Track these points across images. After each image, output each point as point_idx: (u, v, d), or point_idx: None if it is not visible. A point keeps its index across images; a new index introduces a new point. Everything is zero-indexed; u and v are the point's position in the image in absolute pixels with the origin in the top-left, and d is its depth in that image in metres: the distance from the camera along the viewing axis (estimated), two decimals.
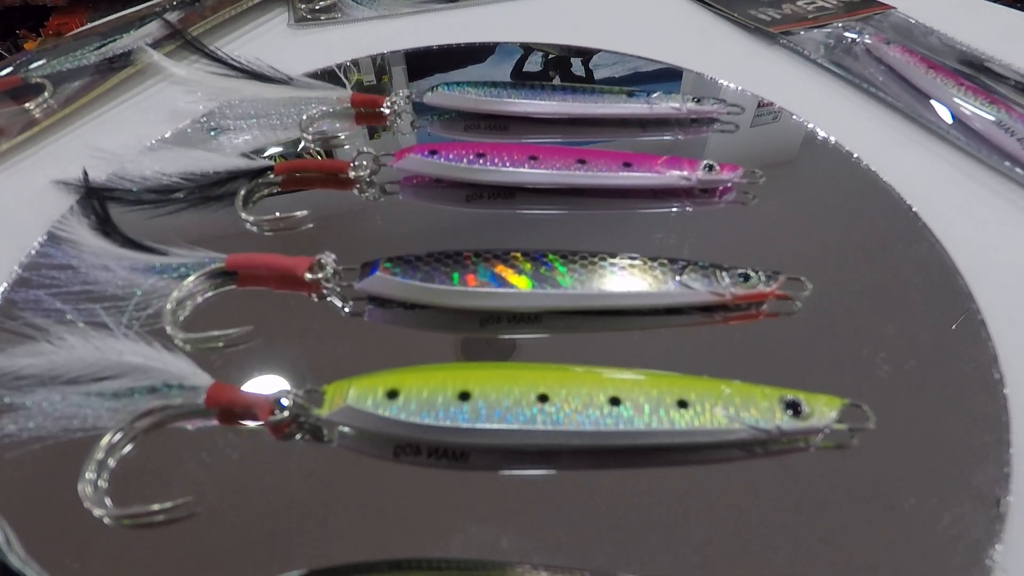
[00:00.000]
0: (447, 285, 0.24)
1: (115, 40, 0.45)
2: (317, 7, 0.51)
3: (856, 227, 0.30)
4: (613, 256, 0.26)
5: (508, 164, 0.30)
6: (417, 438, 0.20)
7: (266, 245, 0.29)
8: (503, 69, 0.44)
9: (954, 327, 0.25)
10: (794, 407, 0.21)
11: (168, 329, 0.24)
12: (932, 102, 0.37)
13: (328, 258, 0.26)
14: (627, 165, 0.30)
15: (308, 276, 0.26)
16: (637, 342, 0.25)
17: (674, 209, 0.31)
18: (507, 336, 0.25)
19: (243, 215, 0.30)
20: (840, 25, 0.44)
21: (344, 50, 0.45)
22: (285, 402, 0.21)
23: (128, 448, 0.21)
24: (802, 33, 0.44)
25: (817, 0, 0.48)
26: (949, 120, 0.35)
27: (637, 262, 0.25)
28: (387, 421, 0.20)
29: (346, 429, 0.21)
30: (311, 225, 0.30)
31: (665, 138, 0.36)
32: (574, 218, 0.31)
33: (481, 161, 0.30)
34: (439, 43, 0.45)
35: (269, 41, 0.47)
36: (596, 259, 0.25)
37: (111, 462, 0.20)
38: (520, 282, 0.24)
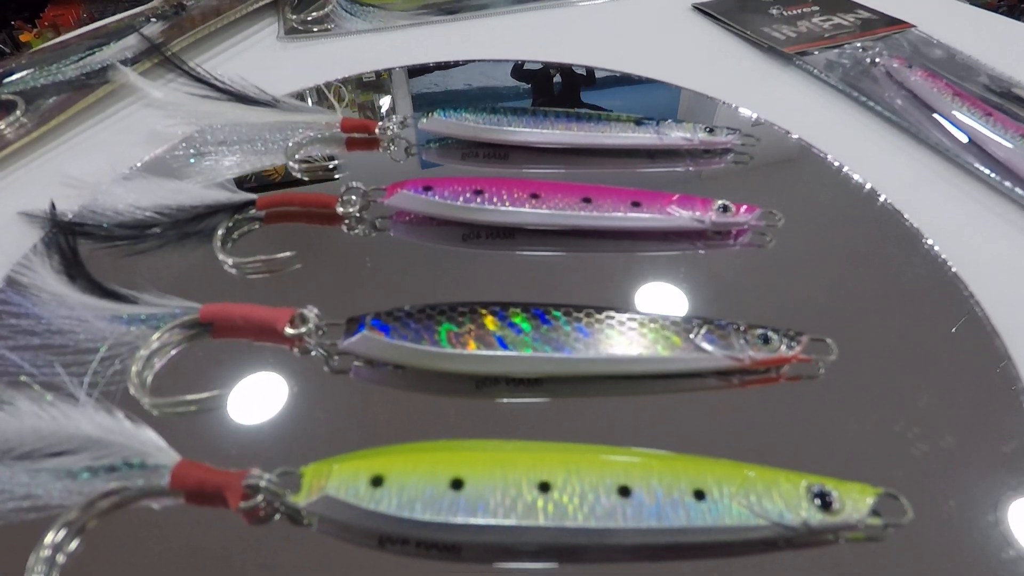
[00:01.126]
0: (439, 347, 0.22)
1: (95, 52, 0.43)
2: (309, 18, 0.48)
3: (880, 274, 0.27)
4: (622, 313, 0.24)
5: (508, 203, 0.28)
6: (404, 533, 0.18)
7: (247, 289, 0.27)
8: (503, 67, 0.43)
9: (992, 397, 0.23)
10: (823, 498, 0.19)
11: (133, 391, 0.22)
12: (958, 132, 0.35)
13: (310, 312, 0.24)
14: (636, 204, 0.28)
15: (289, 331, 0.24)
16: (647, 408, 0.23)
17: (686, 252, 0.29)
18: (506, 400, 0.23)
19: (221, 256, 0.28)
20: (859, 45, 0.42)
21: (336, 66, 0.42)
22: (258, 483, 0.19)
23: (78, 541, 0.19)
24: (817, 53, 0.42)
25: (833, 17, 0.46)
26: (977, 152, 0.33)
27: (649, 323, 0.23)
28: (371, 515, 0.18)
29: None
30: (298, 266, 0.28)
31: (676, 169, 0.34)
32: (578, 261, 0.29)
33: (479, 199, 0.28)
34: (436, 60, 0.43)
35: (258, 55, 0.45)
36: (603, 317, 0.23)
37: (60, 558, 0.18)
38: (519, 343, 0.22)
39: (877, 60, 0.41)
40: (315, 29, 0.47)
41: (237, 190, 0.30)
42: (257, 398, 0.23)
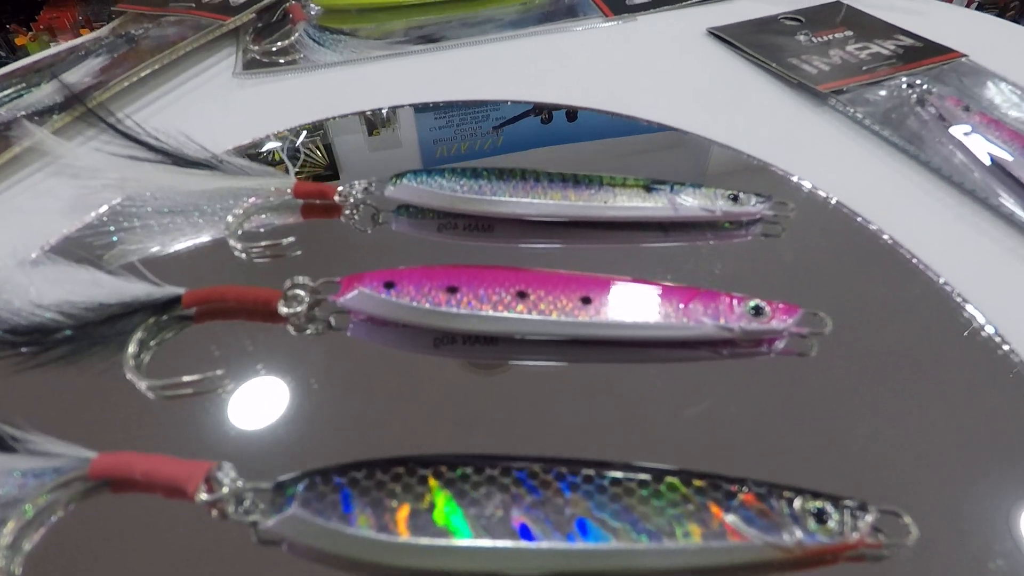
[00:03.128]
0: (376, 533, 0.17)
1: (23, 94, 0.38)
2: (273, 48, 0.43)
3: (964, 407, 0.22)
4: (636, 472, 0.18)
5: (488, 305, 0.23)
6: None
7: (166, 420, 0.22)
8: None
9: None
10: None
11: None
12: None
13: (226, 475, 0.19)
14: (648, 305, 0.23)
15: (203, 496, 0.19)
16: None
17: (709, 360, 0.23)
18: None
19: (131, 376, 0.22)
20: (903, 81, 0.36)
21: (300, 107, 0.37)
22: None
23: None
24: (848, 91, 0.36)
25: (871, 45, 0.40)
26: None
27: (669, 493, 0.18)
28: None
29: None
30: (230, 386, 0.23)
31: (695, 244, 0.28)
32: (575, 373, 0.23)
33: (452, 300, 0.23)
34: (413, 101, 0.37)
35: (213, 93, 0.39)
36: (620, 490, 0.18)
37: None
38: (478, 533, 0.17)
39: (925, 100, 0.35)
40: (282, 60, 0.42)
41: (160, 283, 0.25)
42: None
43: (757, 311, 0.23)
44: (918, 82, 0.36)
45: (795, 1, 0.47)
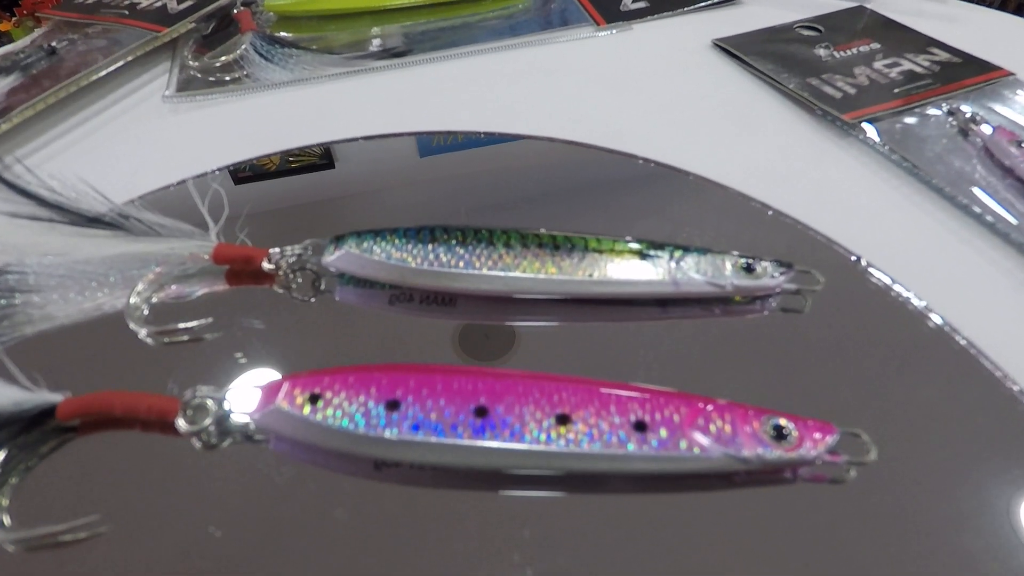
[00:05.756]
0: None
1: None
2: (216, 64, 0.37)
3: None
4: None
5: (438, 426, 0.18)
6: None
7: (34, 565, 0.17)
8: None
9: None
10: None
11: None
12: None
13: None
14: (640, 428, 0.18)
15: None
16: None
17: (720, 493, 0.18)
18: None
19: None
20: (944, 108, 0.31)
21: (237, 138, 0.32)
22: None
23: None
24: (880, 120, 0.31)
25: (902, 61, 0.34)
26: None
27: None
28: None
29: None
30: (102, 530, 0.18)
31: (698, 320, 0.23)
32: (556, 509, 0.18)
33: (392, 419, 0.18)
34: (370, 133, 0.32)
35: (137, 120, 0.34)
36: None
37: None
38: None
39: (970, 131, 0.30)
40: (227, 78, 0.36)
41: (33, 387, 0.20)
42: None
43: (780, 434, 0.18)
44: (962, 109, 0.31)
45: (811, 5, 0.42)
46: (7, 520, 0.18)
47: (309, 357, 0.23)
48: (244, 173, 0.31)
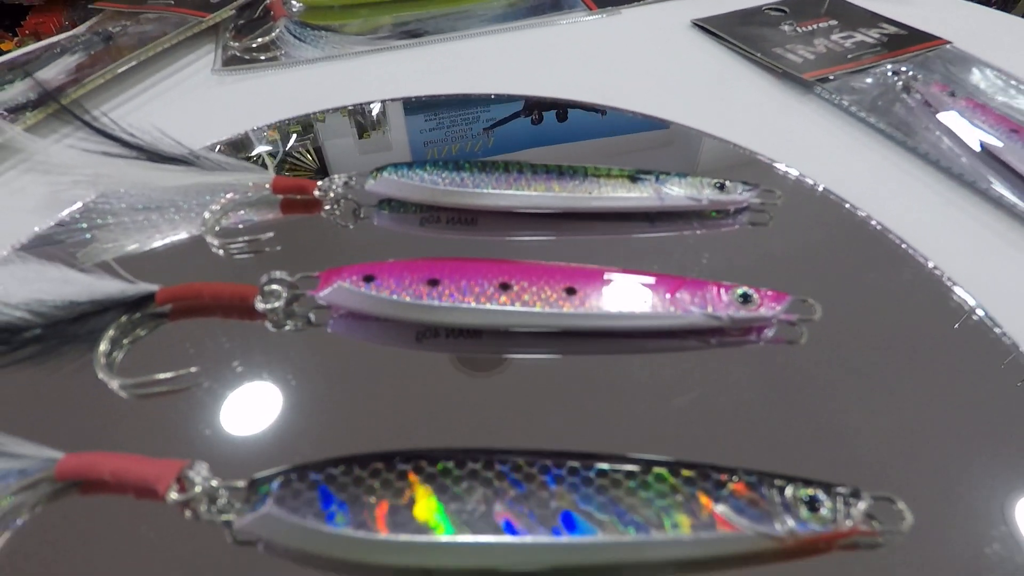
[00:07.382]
0: (355, 531, 0.16)
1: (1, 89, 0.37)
2: (254, 45, 0.42)
3: (956, 391, 0.21)
4: (622, 462, 0.18)
5: (470, 297, 0.22)
6: None
7: (140, 419, 0.21)
8: None
9: None
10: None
11: None
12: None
13: (198, 473, 0.18)
14: (634, 296, 0.22)
15: (174, 496, 0.18)
16: None
17: (696, 351, 0.23)
18: None
19: (103, 375, 0.22)
20: (888, 68, 0.36)
21: (279, 103, 0.36)
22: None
23: None
24: (838, 78, 0.36)
25: (855, 34, 0.40)
26: None
27: (656, 484, 0.17)
28: None
29: None
30: (205, 384, 0.22)
31: (682, 234, 0.28)
32: (561, 365, 0.23)
33: (433, 293, 0.22)
34: (394, 96, 0.36)
35: (191, 91, 0.38)
36: (607, 482, 0.17)
37: None
38: (461, 529, 0.16)
39: (911, 86, 0.35)
40: (262, 57, 0.41)
41: (135, 280, 0.24)
42: None
43: (745, 299, 0.22)
44: (903, 69, 0.36)
45: None
46: (116, 380, 0.22)
47: None
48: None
